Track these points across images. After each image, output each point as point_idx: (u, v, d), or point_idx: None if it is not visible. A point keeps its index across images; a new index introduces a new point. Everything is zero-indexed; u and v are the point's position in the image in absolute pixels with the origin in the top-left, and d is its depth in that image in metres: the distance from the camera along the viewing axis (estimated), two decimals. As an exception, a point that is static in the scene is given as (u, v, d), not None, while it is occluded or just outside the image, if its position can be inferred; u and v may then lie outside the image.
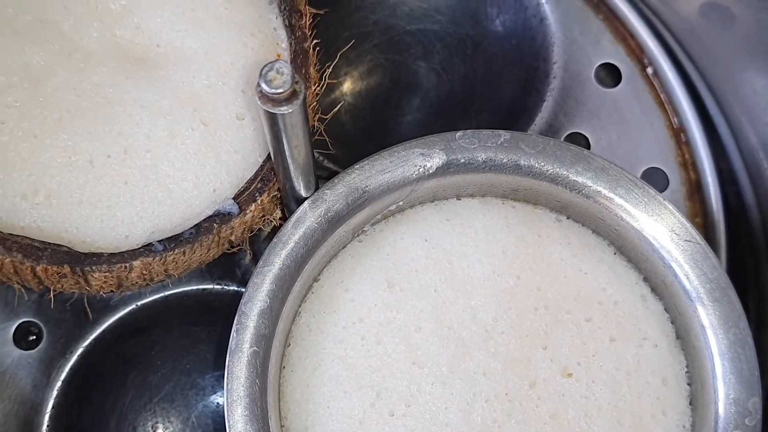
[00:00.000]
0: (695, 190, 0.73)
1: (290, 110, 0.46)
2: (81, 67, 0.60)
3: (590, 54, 0.75)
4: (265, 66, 0.45)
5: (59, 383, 0.69)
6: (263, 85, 0.45)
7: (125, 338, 0.70)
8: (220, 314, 0.70)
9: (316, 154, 0.70)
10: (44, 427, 0.68)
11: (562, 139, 0.73)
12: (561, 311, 0.60)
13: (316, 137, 0.66)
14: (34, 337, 0.69)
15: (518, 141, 0.60)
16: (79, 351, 0.69)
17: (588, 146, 0.73)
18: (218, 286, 0.71)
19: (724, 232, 0.72)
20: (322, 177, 0.73)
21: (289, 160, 0.53)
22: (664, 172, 0.73)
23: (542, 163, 0.60)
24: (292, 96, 0.46)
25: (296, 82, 0.46)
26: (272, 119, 0.48)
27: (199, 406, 0.71)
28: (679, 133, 0.74)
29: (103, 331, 0.70)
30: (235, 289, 0.71)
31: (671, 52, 0.75)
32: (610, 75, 0.75)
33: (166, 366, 0.71)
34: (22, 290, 0.60)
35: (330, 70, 0.63)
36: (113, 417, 0.70)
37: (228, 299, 0.71)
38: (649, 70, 0.75)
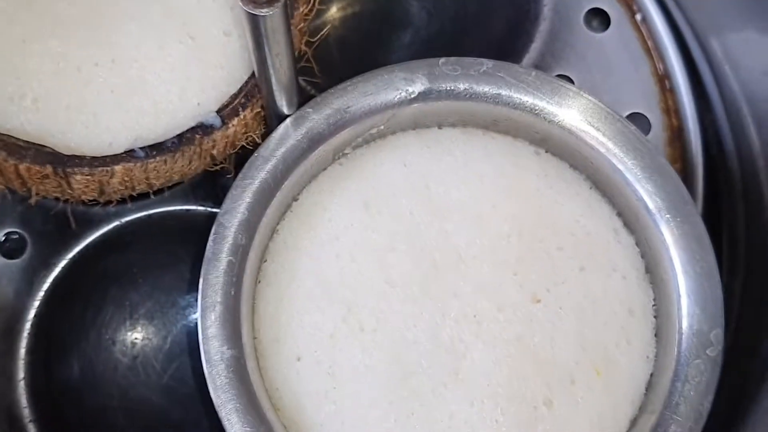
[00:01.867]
0: (676, 136, 0.74)
1: (271, 12, 0.47)
2: (73, -22, 0.61)
3: (580, -2, 0.76)
4: (248, -32, 0.46)
5: (41, 293, 0.69)
6: (245, -15, 0.46)
7: (107, 254, 0.71)
8: (202, 235, 0.71)
9: (302, 82, 0.71)
10: (25, 333, 0.69)
11: (549, 79, 0.74)
12: (533, 239, 0.61)
13: (302, 63, 0.67)
14: (19, 247, 0.70)
15: (500, 70, 0.61)
16: (62, 263, 0.70)
17: (573, 88, 0.74)
18: (201, 207, 0.72)
19: (702, 177, 0.73)
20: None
21: (271, 71, 0.54)
22: (647, 118, 0.74)
23: (522, 93, 0.61)
24: (273, -1, 0.47)
25: (278, -15, 0.47)
26: (254, 22, 0.48)
27: (178, 324, 0.72)
28: (663, 79, 0.75)
29: (86, 245, 0.70)
30: (218, 210, 0.72)
31: (660, -1, 0.76)
32: (599, 19, 0.76)
33: (146, 284, 0.72)
34: (7, 195, 0.61)
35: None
36: (93, 330, 0.71)
37: (210, 221, 0.72)
38: (638, 17, 0.75)
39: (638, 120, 0.74)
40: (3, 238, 0.70)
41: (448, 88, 0.61)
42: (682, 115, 0.74)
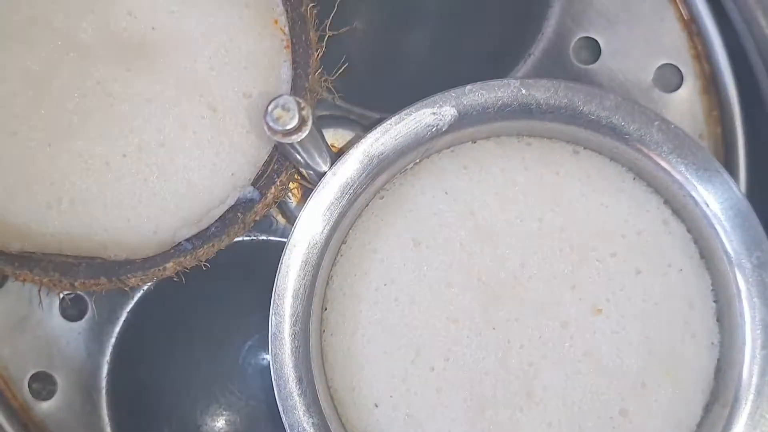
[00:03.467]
0: (710, 82, 0.72)
1: (301, 137, 0.46)
2: (81, 65, 0.59)
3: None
4: (270, 103, 0.45)
5: (110, 348, 0.72)
6: (271, 123, 0.45)
7: (163, 298, 0.72)
8: (249, 263, 0.72)
9: (328, 95, 0.70)
10: (103, 391, 0.71)
11: (572, 45, 0.72)
12: (586, 249, 0.61)
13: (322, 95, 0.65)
14: (81, 308, 0.72)
15: (529, 88, 0.60)
16: (125, 314, 0.72)
17: (599, 50, 0.72)
18: (247, 238, 0.72)
19: (741, 123, 0.72)
20: (335, 116, 0.73)
21: (305, 161, 0.53)
22: (678, 68, 0.72)
23: (555, 107, 0.60)
24: (301, 125, 0.46)
25: (302, 109, 0.46)
26: (286, 145, 0.48)
27: (244, 347, 0.75)
28: (690, 24, 0.72)
29: (143, 295, 0.72)
30: (264, 238, 0.72)
31: (678, -63, 0.72)
32: (616, -30, 0.73)
33: (205, 317, 0.74)
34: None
35: (330, 31, 0.61)
36: (165, 374, 0.73)
37: (255, 249, 0.73)
38: (656, -39, 0.72)
39: (669, 71, 0.72)
40: (65, 302, 0.71)
41: (479, 114, 0.60)
42: (713, 60, 0.72)
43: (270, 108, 0.45)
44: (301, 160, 0.54)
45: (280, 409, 0.58)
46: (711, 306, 0.62)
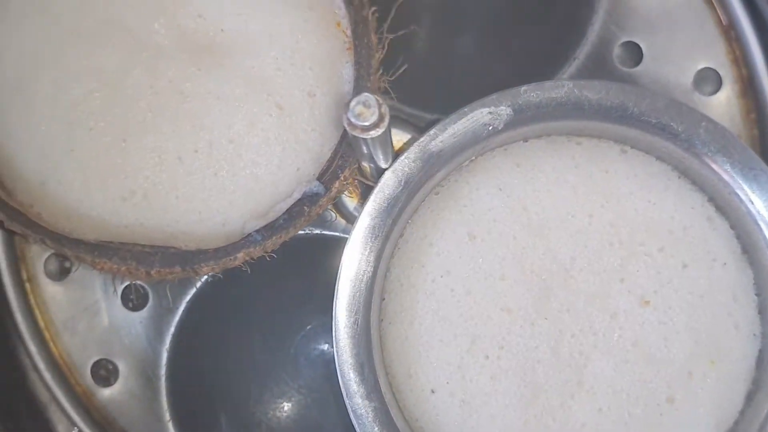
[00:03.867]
0: (748, 86, 0.74)
1: (378, 132, 0.49)
2: (154, 64, 0.62)
3: (637, -42, 0.76)
4: (352, 100, 0.48)
5: (170, 337, 0.74)
6: (352, 119, 0.48)
7: (223, 285, 0.75)
8: (304, 256, 0.75)
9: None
10: (163, 378, 0.74)
11: (616, 49, 0.74)
12: (634, 244, 0.64)
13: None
14: (142, 298, 0.74)
15: (582, 89, 0.62)
16: (184, 304, 0.74)
17: (641, 54, 0.74)
18: (302, 232, 0.75)
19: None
20: (394, 117, 0.75)
21: (372, 155, 0.56)
22: (717, 72, 0.75)
23: (607, 107, 0.62)
24: (379, 122, 0.48)
25: (381, 106, 0.48)
26: (360, 139, 0.50)
27: (296, 339, 0.77)
28: (729, 30, 0.74)
29: (203, 284, 0.75)
30: (318, 232, 0.75)
31: (718, -54, 0.75)
32: (659, -23, 0.76)
33: (265, 306, 0.77)
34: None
35: (388, 36, 0.64)
36: (223, 361, 0.76)
37: (310, 242, 0.75)
38: (697, -32, 0.75)
39: (709, 74, 0.75)
40: (128, 292, 0.74)
41: (534, 113, 0.63)
42: (751, 64, 0.74)
43: (352, 104, 0.48)
44: (367, 155, 0.57)
45: (344, 393, 0.61)
46: (753, 299, 0.64)
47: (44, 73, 0.61)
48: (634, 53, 0.75)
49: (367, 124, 0.48)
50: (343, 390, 0.61)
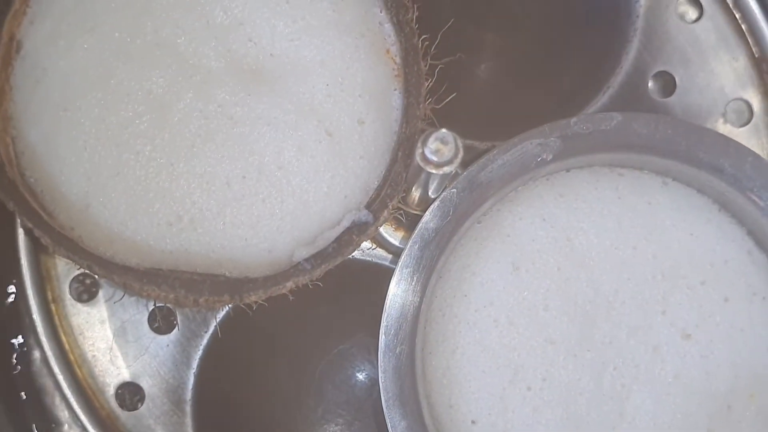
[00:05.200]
0: (778, 119, 0.76)
1: (451, 169, 0.49)
2: (203, 88, 0.61)
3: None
4: (430, 135, 0.47)
5: (197, 360, 0.73)
6: (428, 155, 0.48)
7: (251, 310, 0.74)
8: (332, 282, 0.74)
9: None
10: (189, 402, 0.73)
11: (649, 79, 0.75)
12: (676, 276, 0.64)
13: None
14: (170, 321, 0.73)
15: (631, 122, 0.63)
16: (211, 328, 0.73)
17: (674, 84, 0.75)
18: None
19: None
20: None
21: (428, 187, 0.56)
22: (748, 103, 0.76)
23: (656, 140, 0.63)
24: (453, 157, 0.48)
25: (457, 142, 0.48)
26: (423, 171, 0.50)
27: (321, 364, 0.77)
28: (761, 62, 0.75)
29: (231, 306, 0.74)
30: (359, 258, 0.74)
31: (752, -20, 0.76)
32: (692, 8, 0.76)
33: (291, 330, 0.76)
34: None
35: (436, 64, 0.64)
36: (252, 385, 0.75)
37: (340, 268, 0.75)
38: (730, 0, 0.76)
39: (740, 106, 0.76)
40: (155, 315, 0.73)
41: (582, 146, 0.63)
42: (782, 98, 0.76)
43: (430, 141, 0.48)
44: (423, 186, 0.57)
45: (388, 422, 0.61)
46: (791, 333, 0.65)
47: (92, 94, 0.60)
48: (668, 83, 0.76)
49: (443, 160, 0.48)
50: (387, 419, 0.61)
